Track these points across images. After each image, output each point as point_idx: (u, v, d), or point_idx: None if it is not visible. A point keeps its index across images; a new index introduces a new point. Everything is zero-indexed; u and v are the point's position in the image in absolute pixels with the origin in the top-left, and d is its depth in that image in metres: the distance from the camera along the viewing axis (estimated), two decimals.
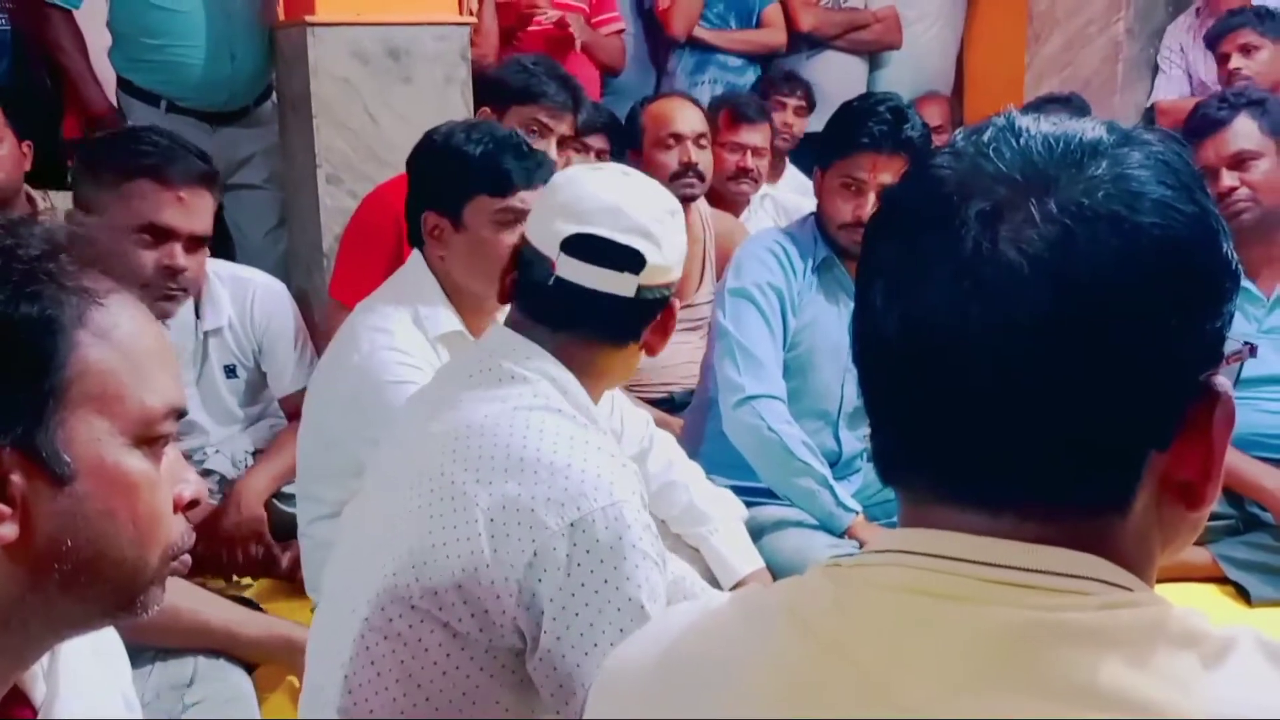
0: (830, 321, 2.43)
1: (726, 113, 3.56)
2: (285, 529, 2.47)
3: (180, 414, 0.90)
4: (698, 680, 0.74)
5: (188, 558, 0.93)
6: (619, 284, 1.40)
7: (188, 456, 2.32)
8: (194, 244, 2.10)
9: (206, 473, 2.74)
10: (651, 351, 1.46)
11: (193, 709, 1.70)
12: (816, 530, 2.33)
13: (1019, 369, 0.66)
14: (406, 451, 1.41)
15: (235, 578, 2.50)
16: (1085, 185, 0.68)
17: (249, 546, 2.51)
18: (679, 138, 3.21)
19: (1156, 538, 0.72)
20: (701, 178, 3.25)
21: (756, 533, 2.30)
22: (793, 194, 3.85)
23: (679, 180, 3.12)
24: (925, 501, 0.72)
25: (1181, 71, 4.24)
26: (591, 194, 1.41)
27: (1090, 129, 0.72)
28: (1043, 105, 3.90)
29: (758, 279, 2.42)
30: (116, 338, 0.86)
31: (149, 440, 0.88)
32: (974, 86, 4.69)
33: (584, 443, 1.32)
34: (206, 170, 2.12)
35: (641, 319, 1.43)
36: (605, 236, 1.39)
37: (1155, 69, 4.29)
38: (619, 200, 1.41)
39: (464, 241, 2.01)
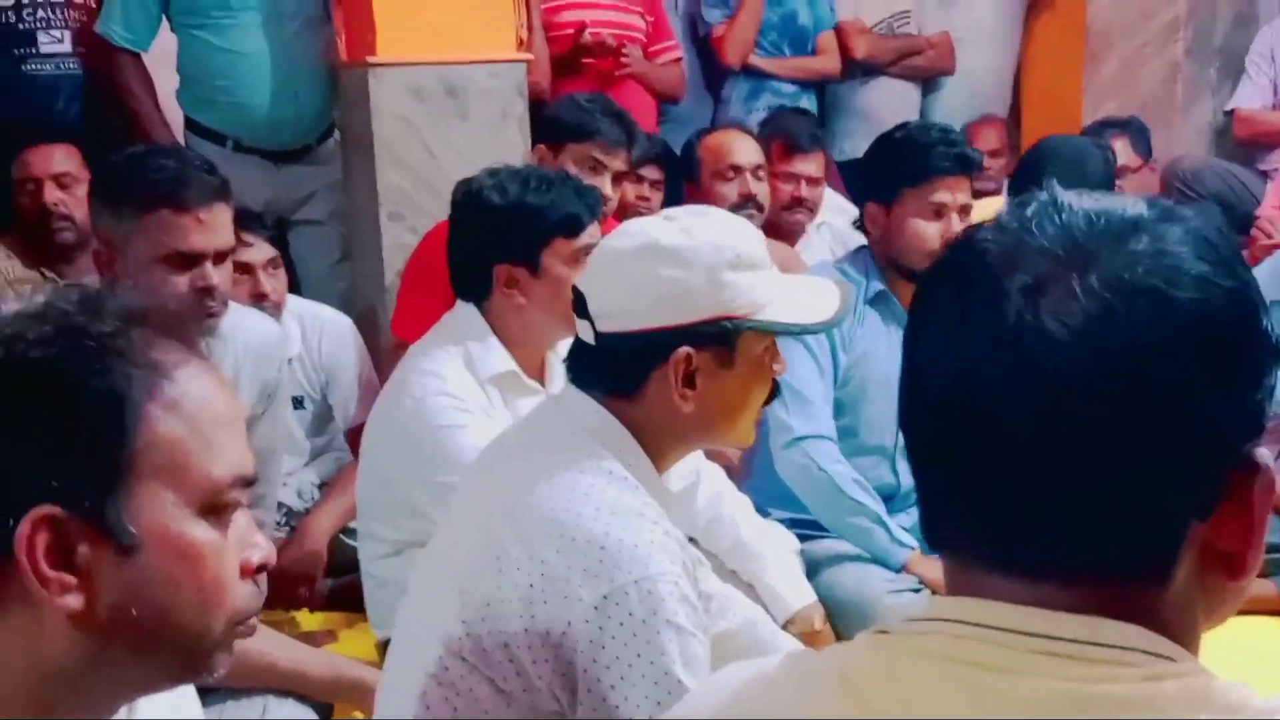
0: (884, 354, 2.44)
1: (780, 144, 3.57)
2: (349, 563, 2.52)
3: (249, 482, 0.92)
4: None
5: (254, 622, 0.95)
6: (584, 331, 1.41)
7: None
8: (220, 258, 2.06)
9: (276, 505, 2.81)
10: (681, 410, 1.37)
11: None
12: (873, 564, 2.34)
13: (1059, 438, 0.68)
14: (467, 504, 1.43)
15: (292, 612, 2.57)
16: (1126, 260, 0.69)
17: (300, 586, 2.57)
18: (738, 170, 3.25)
19: (1199, 607, 0.73)
20: (760, 209, 3.30)
21: (813, 567, 2.31)
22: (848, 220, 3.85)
23: (738, 212, 3.15)
24: (969, 568, 0.74)
25: (1269, 80, 4.15)
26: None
27: (1131, 205, 0.73)
28: (1102, 129, 3.88)
29: None
30: (185, 409, 0.88)
31: (216, 509, 0.89)
32: (1031, 109, 4.65)
33: (626, 509, 1.31)
34: (219, 184, 2.07)
35: (622, 365, 1.38)
36: (575, 284, 1.44)
37: (1215, 89, 4.24)
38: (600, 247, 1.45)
39: (545, 286, 2.06)
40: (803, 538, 2.35)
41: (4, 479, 0.84)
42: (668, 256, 1.36)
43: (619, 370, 1.39)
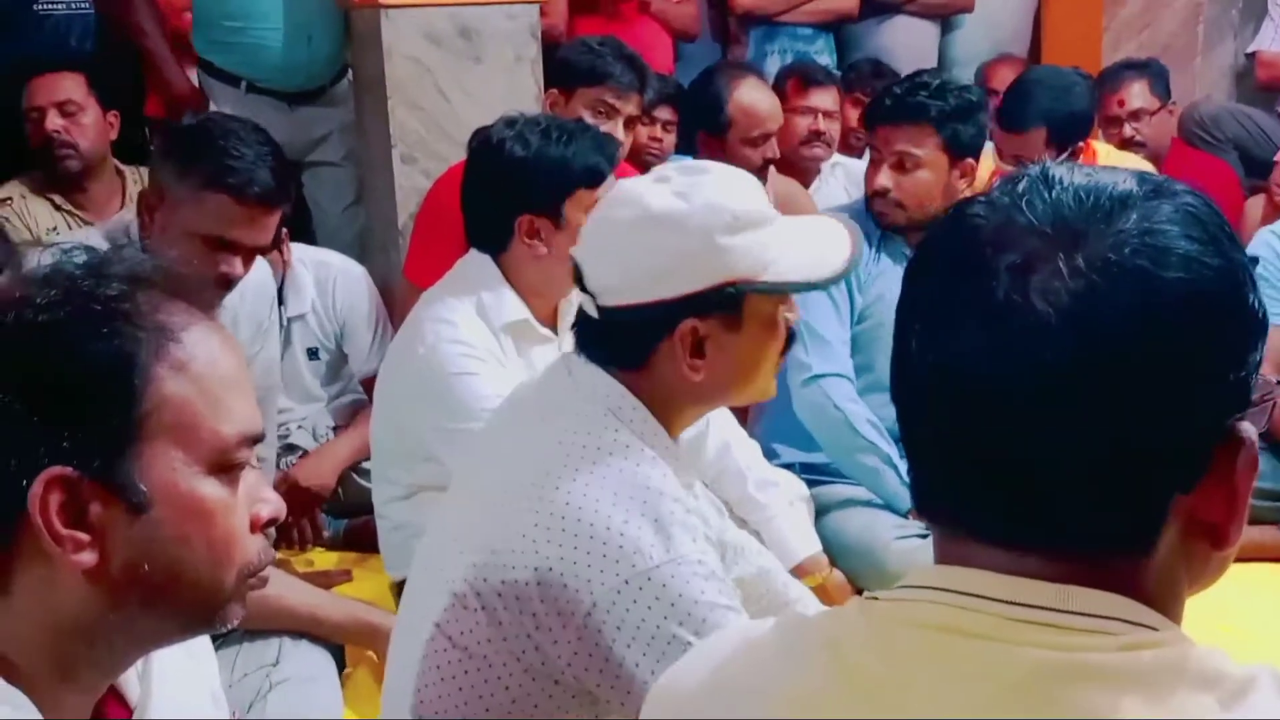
0: (897, 295, 2.44)
1: (795, 79, 3.56)
2: (363, 504, 2.56)
3: (256, 440, 0.93)
4: (736, 710, 0.78)
5: (266, 573, 0.97)
6: (586, 304, 1.37)
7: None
8: (252, 254, 2.11)
9: (290, 448, 2.86)
10: (690, 379, 1.34)
11: (278, 687, 1.79)
12: (882, 509, 2.36)
13: (1046, 415, 0.69)
14: (486, 466, 1.41)
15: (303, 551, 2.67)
16: (1113, 240, 0.70)
17: (312, 500, 2.67)
18: (767, 136, 3.21)
19: (1182, 576, 0.74)
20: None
21: (822, 511, 2.34)
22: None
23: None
24: (957, 537, 0.75)
25: None
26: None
27: (1122, 181, 0.74)
28: (1122, 70, 3.84)
29: None
30: (192, 370, 0.89)
31: (225, 467, 0.91)
32: (1051, 49, 4.58)
33: (643, 491, 1.28)
34: (284, 187, 2.10)
35: (627, 339, 1.35)
36: (574, 256, 1.39)
37: (1237, 30, 4.18)
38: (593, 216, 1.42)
39: (566, 237, 2.05)
40: (812, 483, 2.37)
41: (16, 440, 0.86)
42: (662, 224, 1.31)
43: (624, 344, 1.35)
